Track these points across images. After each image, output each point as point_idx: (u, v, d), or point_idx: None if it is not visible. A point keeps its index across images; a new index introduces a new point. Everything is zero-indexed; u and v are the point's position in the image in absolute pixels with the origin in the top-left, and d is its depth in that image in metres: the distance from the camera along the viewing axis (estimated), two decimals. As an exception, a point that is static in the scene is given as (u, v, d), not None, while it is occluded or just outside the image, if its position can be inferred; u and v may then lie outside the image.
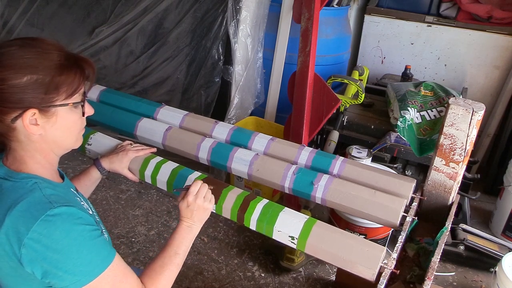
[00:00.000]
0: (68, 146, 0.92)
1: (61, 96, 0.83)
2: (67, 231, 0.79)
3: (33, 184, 0.83)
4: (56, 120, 0.85)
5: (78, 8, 2.79)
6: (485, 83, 2.84)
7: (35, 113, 0.81)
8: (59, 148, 0.91)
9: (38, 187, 0.83)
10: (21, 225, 0.77)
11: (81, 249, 0.80)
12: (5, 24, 2.91)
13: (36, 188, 0.83)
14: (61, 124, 0.86)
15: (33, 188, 0.83)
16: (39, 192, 0.82)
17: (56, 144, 0.89)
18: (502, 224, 2.29)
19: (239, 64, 2.52)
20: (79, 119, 0.90)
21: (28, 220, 0.77)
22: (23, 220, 0.78)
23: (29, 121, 0.81)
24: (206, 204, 1.04)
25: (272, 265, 2.07)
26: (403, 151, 2.18)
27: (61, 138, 0.88)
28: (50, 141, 0.87)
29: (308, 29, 2.22)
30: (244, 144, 1.36)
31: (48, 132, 0.85)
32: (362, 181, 1.20)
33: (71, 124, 0.88)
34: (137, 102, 1.53)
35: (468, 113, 1.07)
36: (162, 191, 2.57)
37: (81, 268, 0.80)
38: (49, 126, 0.84)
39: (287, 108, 2.39)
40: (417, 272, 1.08)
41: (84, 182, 1.22)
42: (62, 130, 0.87)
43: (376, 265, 0.96)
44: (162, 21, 2.64)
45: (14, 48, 0.81)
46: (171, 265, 0.96)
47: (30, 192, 0.82)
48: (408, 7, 2.93)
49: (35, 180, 0.85)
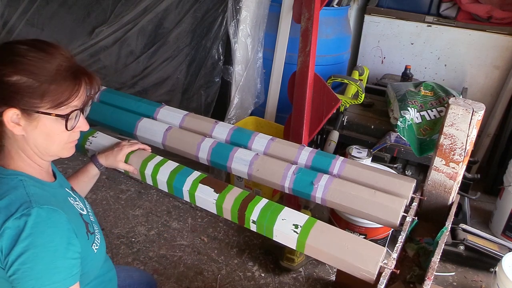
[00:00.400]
0: (51, 153, 0.91)
1: (45, 105, 0.83)
2: (36, 234, 0.78)
3: (18, 181, 0.84)
4: (37, 126, 0.84)
5: (78, 8, 2.79)
6: (485, 83, 2.84)
7: (18, 113, 0.82)
8: (41, 153, 0.89)
9: (23, 184, 0.84)
10: None
11: (50, 257, 0.78)
12: (5, 24, 2.91)
13: (21, 185, 0.83)
14: (42, 131, 0.85)
15: (18, 185, 0.83)
16: (22, 190, 0.82)
17: (38, 149, 0.88)
18: (502, 224, 2.29)
19: (239, 64, 2.52)
20: (64, 131, 0.88)
21: (5, 216, 0.78)
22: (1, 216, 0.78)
23: (10, 119, 0.82)
24: None
25: (272, 265, 2.07)
26: (403, 151, 2.18)
27: (42, 144, 0.88)
28: (31, 144, 0.87)
29: (308, 29, 2.22)
30: (244, 144, 1.36)
31: (29, 135, 0.85)
32: (362, 181, 1.20)
33: (52, 133, 0.87)
34: (137, 102, 1.53)
35: (468, 113, 1.07)
36: (162, 191, 2.57)
37: (37, 279, 0.77)
38: (30, 129, 0.84)
39: (287, 108, 2.39)
40: (417, 272, 1.08)
41: (82, 179, 1.23)
42: (43, 137, 0.86)
43: (376, 265, 0.96)
44: (162, 21, 2.64)
45: (23, 47, 0.83)
46: None
47: (14, 189, 0.82)
48: (408, 7, 2.93)
49: (21, 177, 0.85)
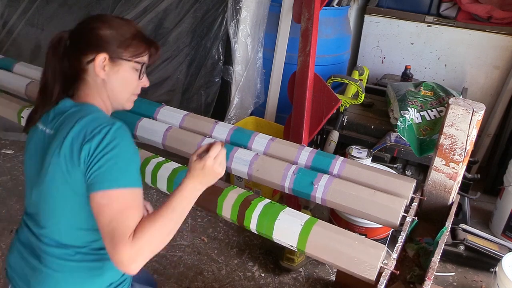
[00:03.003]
0: (120, 101, 1.09)
1: (128, 53, 1.03)
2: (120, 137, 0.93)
3: (97, 108, 1.03)
4: (118, 71, 1.03)
5: (78, 8, 2.79)
6: (485, 83, 2.84)
7: (106, 58, 1.00)
8: (114, 99, 1.07)
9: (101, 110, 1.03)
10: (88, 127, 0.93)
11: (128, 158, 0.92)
12: (5, 24, 2.91)
13: (100, 110, 1.03)
14: (121, 76, 1.04)
15: (98, 109, 1.02)
16: (103, 113, 1.02)
17: (112, 93, 1.06)
18: (502, 224, 2.29)
19: (239, 64, 2.52)
20: (135, 81, 1.08)
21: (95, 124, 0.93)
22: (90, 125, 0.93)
23: (99, 63, 1.00)
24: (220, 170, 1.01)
25: (272, 265, 2.07)
26: (403, 151, 2.18)
27: (117, 89, 1.06)
28: (108, 88, 1.04)
29: (308, 29, 2.22)
30: (244, 144, 1.36)
31: (109, 79, 1.03)
32: (362, 181, 1.19)
33: (128, 80, 1.06)
34: (137, 102, 1.52)
35: (468, 113, 1.07)
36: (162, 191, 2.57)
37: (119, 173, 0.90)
38: (112, 73, 1.03)
39: (287, 108, 2.39)
40: (417, 272, 1.08)
41: None
42: (121, 82, 1.05)
43: (376, 265, 0.96)
44: (162, 21, 2.64)
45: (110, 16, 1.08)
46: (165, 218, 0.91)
47: (96, 111, 1.01)
48: (408, 7, 2.93)
49: (97, 107, 1.03)
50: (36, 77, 1.73)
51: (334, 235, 1.03)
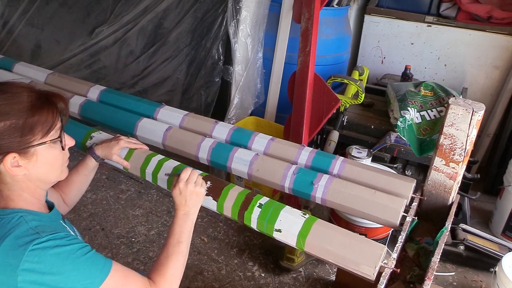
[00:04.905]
0: (53, 180, 0.95)
1: (37, 136, 0.86)
2: (58, 253, 0.81)
3: (19, 218, 0.85)
4: (37, 159, 0.88)
5: (78, 8, 2.79)
6: (485, 83, 2.84)
7: (15, 156, 0.84)
8: (44, 183, 0.94)
9: (24, 220, 0.85)
10: (11, 258, 0.79)
11: (77, 265, 0.83)
12: (5, 24, 2.92)
13: (22, 221, 0.85)
14: (43, 162, 0.89)
15: (19, 222, 0.84)
16: (25, 225, 0.84)
17: (41, 181, 0.92)
18: (502, 224, 2.29)
19: (239, 64, 2.52)
20: (60, 153, 0.93)
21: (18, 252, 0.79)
22: (12, 253, 0.79)
23: (10, 164, 0.84)
24: (198, 189, 1.05)
25: (272, 265, 2.07)
26: (403, 151, 2.18)
27: (45, 174, 0.92)
28: (34, 179, 0.90)
29: (308, 29, 2.22)
30: (244, 144, 1.36)
31: (31, 171, 0.88)
32: (362, 181, 1.19)
33: (52, 160, 0.91)
34: (137, 102, 1.53)
35: (468, 113, 1.07)
36: (162, 191, 2.57)
37: (82, 282, 0.83)
38: (31, 165, 0.88)
39: (287, 108, 2.39)
40: (417, 272, 1.09)
41: (83, 172, 1.25)
42: (45, 167, 0.90)
43: (377, 263, 0.96)
44: (162, 21, 2.64)
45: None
46: (176, 254, 0.97)
47: (17, 226, 0.83)
48: (408, 7, 2.93)
49: (20, 214, 0.86)
50: (36, 77, 1.73)
51: (334, 234, 1.03)
